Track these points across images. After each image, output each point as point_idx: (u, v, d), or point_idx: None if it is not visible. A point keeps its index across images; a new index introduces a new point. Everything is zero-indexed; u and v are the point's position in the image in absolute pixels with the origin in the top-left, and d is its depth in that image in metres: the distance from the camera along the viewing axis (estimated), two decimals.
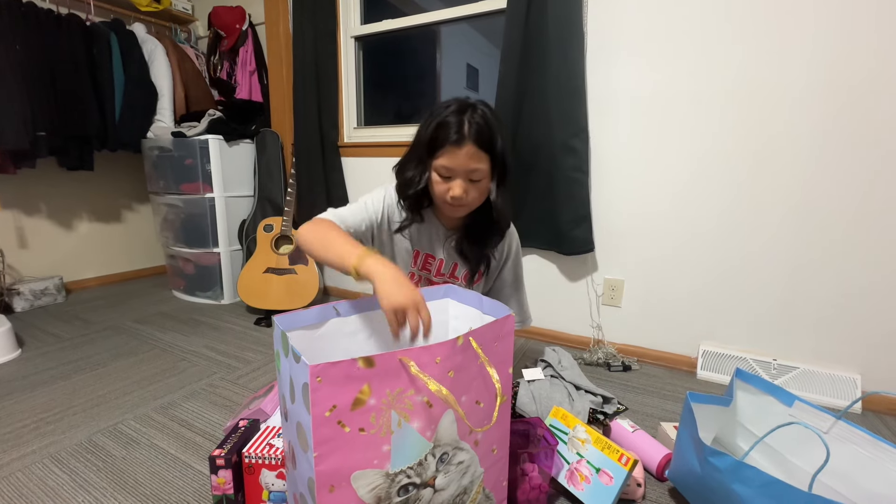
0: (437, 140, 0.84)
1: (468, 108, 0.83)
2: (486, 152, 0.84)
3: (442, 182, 0.86)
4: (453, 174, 0.85)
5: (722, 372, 1.37)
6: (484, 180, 0.87)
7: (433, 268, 1.03)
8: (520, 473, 0.80)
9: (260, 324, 1.80)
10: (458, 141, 0.82)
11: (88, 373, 1.35)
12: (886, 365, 1.21)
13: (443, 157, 0.84)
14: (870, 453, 0.73)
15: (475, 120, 0.82)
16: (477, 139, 0.82)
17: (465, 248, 0.99)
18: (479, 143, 0.82)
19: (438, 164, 0.85)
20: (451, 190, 0.85)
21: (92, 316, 1.87)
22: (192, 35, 2.44)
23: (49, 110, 1.82)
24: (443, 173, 0.86)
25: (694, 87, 1.31)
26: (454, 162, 0.83)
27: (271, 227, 1.95)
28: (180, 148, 1.98)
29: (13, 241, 2.03)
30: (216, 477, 0.79)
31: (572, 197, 1.46)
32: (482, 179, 0.86)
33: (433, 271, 1.03)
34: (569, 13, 1.38)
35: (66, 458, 0.96)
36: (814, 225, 1.23)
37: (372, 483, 0.56)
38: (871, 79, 1.12)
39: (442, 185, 0.87)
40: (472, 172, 0.84)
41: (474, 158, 0.83)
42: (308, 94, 1.97)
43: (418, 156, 0.88)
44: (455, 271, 1.03)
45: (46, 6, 1.86)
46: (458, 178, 0.85)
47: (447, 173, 0.85)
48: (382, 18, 1.93)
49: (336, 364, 0.50)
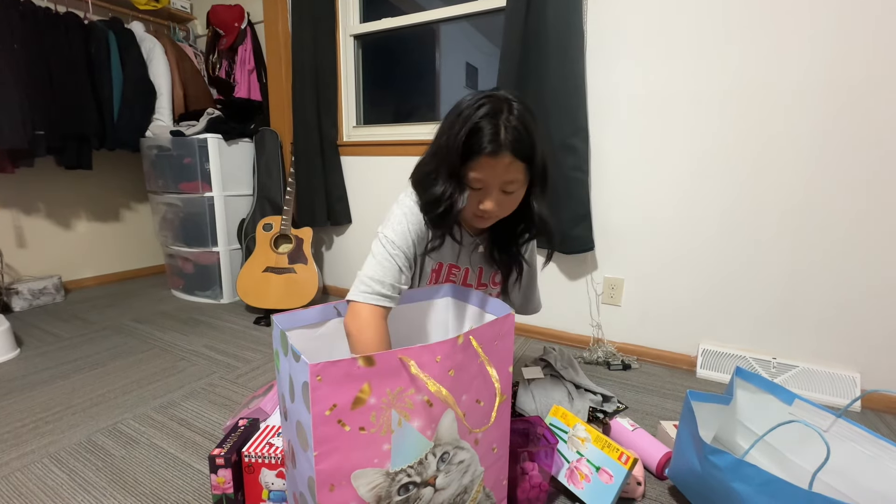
0: (468, 149, 0.71)
1: (503, 108, 0.71)
2: (524, 161, 0.73)
3: (472, 194, 0.76)
4: (486, 186, 0.74)
5: (722, 370, 1.37)
6: (519, 191, 0.77)
7: (458, 279, 0.93)
8: (520, 472, 0.80)
9: (259, 323, 1.80)
10: (495, 151, 0.70)
11: (87, 372, 1.35)
12: (886, 363, 1.21)
13: (476, 170, 0.73)
14: (869, 451, 0.73)
15: (512, 124, 0.70)
16: (515, 147, 0.70)
17: (495, 254, 0.91)
18: (518, 151, 0.71)
19: (471, 177, 0.74)
20: (482, 203, 0.76)
21: (91, 315, 1.87)
22: (191, 33, 2.44)
23: (47, 109, 1.82)
24: (474, 185, 0.75)
25: (693, 86, 1.31)
26: (488, 174, 0.73)
27: (270, 226, 1.95)
28: (179, 147, 1.97)
29: (12, 240, 2.02)
30: (216, 476, 0.79)
31: (572, 196, 1.46)
32: (517, 190, 0.76)
33: (458, 282, 0.93)
34: (569, 12, 1.37)
35: (65, 457, 0.96)
36: (814, 224, 1.23)
37: (372, 482, 0.56)
38: (871, 79, 1.12)
39: (472, 197, 0.76)
40: (507, 184, 0.74)
41: (511, 169, 0.72)
42: (307, 93, 1.96)
43: (448, 167, 0.74)
44: (482, 277, 0.95)
45: (44, 4, 1.86)
46: (491, 191, 0.75)
47: (479, 185, 0.74)
48: (381, 17, 1.93)
49: (336, 363, 0.50)
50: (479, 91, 0.75)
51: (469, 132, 0.70)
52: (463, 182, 0.75)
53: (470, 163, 0.72)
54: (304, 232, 1.97)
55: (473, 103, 0.72)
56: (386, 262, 0.78)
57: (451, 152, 0.72)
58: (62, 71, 1.84)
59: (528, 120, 0.72)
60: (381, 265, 0.77)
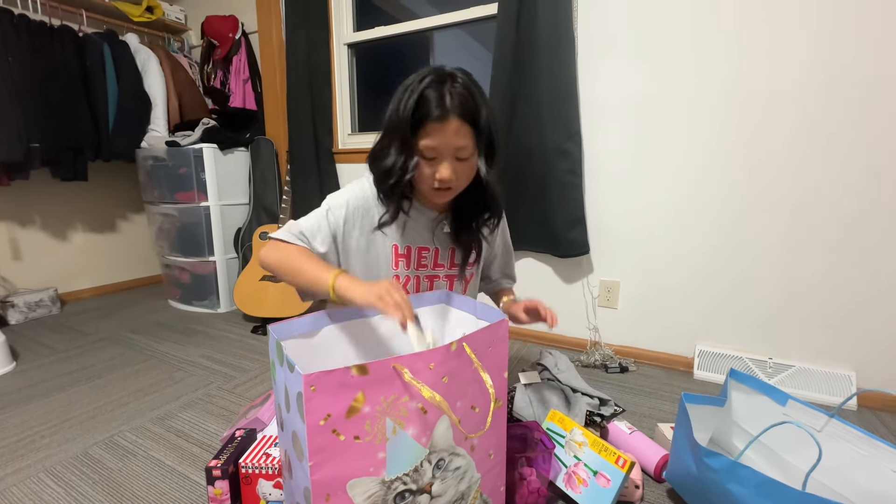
0: (417, 118, 0.73)
1: (447, 77, 0.74)
2: (472, 125, 0.75)
3: (426, 165, 0.77)
4: (439, 154, 0.76)
5: (718, 371, 1.37)
6: (472, 157, 0.78)
7: (429, 260, 0.93)
8: (518, 478, 0.80)
9: (257, 332, 1.80)
10: (442, 116, 0.72)
11: (84, 384, 1.34)
12: (880, 362, 1.22)
13: (426, 138, 0.75)
14: (863, 451, 0.74)
15: (457, 90, 0.73)
16: (461, 112, 0.73)
17: (458, 232, 0.91)
18: (464, 115, 0.74)
19: (422, 146, 0.76)
20: (438, 172, 0.77)
21: (87, 327, 1.86)
22: (186, 44, 2.45)
23: (42, 121, 1.82)
24: (427, 154, 0.76)
25: (685, 88, 1.33)
26: (439, 140, 0.74)
27: (267, 234, 1.95)
28: (175, 157, 1.98)
29: (7, 252, 2.02)
30: (213, 488, 0.78)
31: (566, 200, 1.47)
32: (470, 157, 0.78)
33: (430, 264, 0.93)
34: (559, 17, 1.39)
35: (61, 471, 0.95)
36: (809, 225, 1.24)
37: (368, 491, 0.56)
38: (869, 80, 1.13)
39: (426, 168, 0.77)
40: (458, 150, 0.76)
41: (460, 134, 0.74)
42: (302, 102, 1.97)
43: (399, 138, 0.76)
44: (454, 258, 0.95)
45: (39, 18, 1.86)
46: (444, 159, 0.76)
47: (432, 153, 0.76)
48: (375, 25, 1.95)
49: (330, 372, 0.51)
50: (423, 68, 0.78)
51: (416, 102, 0.73)
52: (413, 152, 0.77)
53: (420, 132, 0.75)
54: None
55: (418, 77, 0.75)
56: (311, 218, 0.85)
57: (401, 124, 0.75)
58: (57, 83, 1.85)
59: (473, 87, 0.75)
60: (307, 219, 0.85)
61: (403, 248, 0.90)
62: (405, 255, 0.90)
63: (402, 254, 0.90)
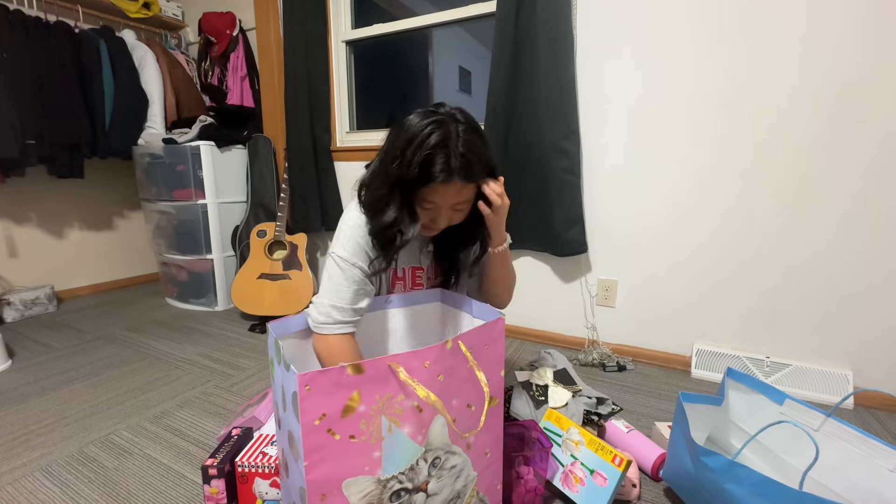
0: (421, 177, 0.73)
1: (449, 134, 0.73)
2: (474, 183, 0.77)
3: (423, 213, 0.79)
4: (437, 208, 0.78)
5: (716, 370, 1.37)
6: (467, 207, 0.80)
7: (424, 278, 0.96)
8: (515, 476, 0.80)
9: (254, 330, 1.79)
10: (447, 179, 0.73)
11: (80, 383, 1.34)
12: (877, 361, 1.22)
13: (427, 196, 0.76)
14: (860, 450, 0.74)
15: (460, 150, 0.73)
16: (465, 174, 0.74)
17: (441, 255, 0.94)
18: (468, 177, 0.74)
19: (423, 198, 0.76)
20: (433, 221, 0.80)
21: (84, 325, 1.86)
22: (183, 41, 2.44)
23: (38, 118, 1.81)
24: (426, 206, 0.78)
25: (684, 88, 1.32)
26: (440, 199, 0.76)
27: (265, 232, 1.94)
28: (172, 154, 1.97)
29: (3, 250, 2.01)
30: (209, 487, 0.78)
31: (565, 198, 1.47)
32: (466, 207, 0.80)
33: (425, 283, 0.96)
34: (558, 15, 1.38)
35: (57, 470, 0.95)
36: (806, 224, 1.24)
37: (364, 490, 0.55)
38: (862, 79, 1.13)
39: (423, 214, 0.79)
40: (457, 205, 0.78)
41: (462, 192, 0.76)
42: (300, 99, 1.96)
43: (401, 196, 0.75)
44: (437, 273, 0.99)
45: (34, 14, 1.85)
46: (441, 211, 0.78)
47: (430, 206, 0.78)
48: (373, 23, 1.94)
49: (324, 372, 0.50)
50: (425, 111, 0.76)
51: (422, 162, 0.72)
52: (414, 210, 0.77)
53: (423, 189, 0.74)
54: (298, 238, 1.97)
55: (421, 130, 0.73)
56: (342, 285, 0.79)
57: (405, 182, 0.74)
58: (53, 80, 1.83)
59: (476, 144, 0.75)
60: (338, 290, 0.79)
61: (400, 270, 0.93)
62: (402, 277, 0.94)
63: (399, 277, 0.93)
